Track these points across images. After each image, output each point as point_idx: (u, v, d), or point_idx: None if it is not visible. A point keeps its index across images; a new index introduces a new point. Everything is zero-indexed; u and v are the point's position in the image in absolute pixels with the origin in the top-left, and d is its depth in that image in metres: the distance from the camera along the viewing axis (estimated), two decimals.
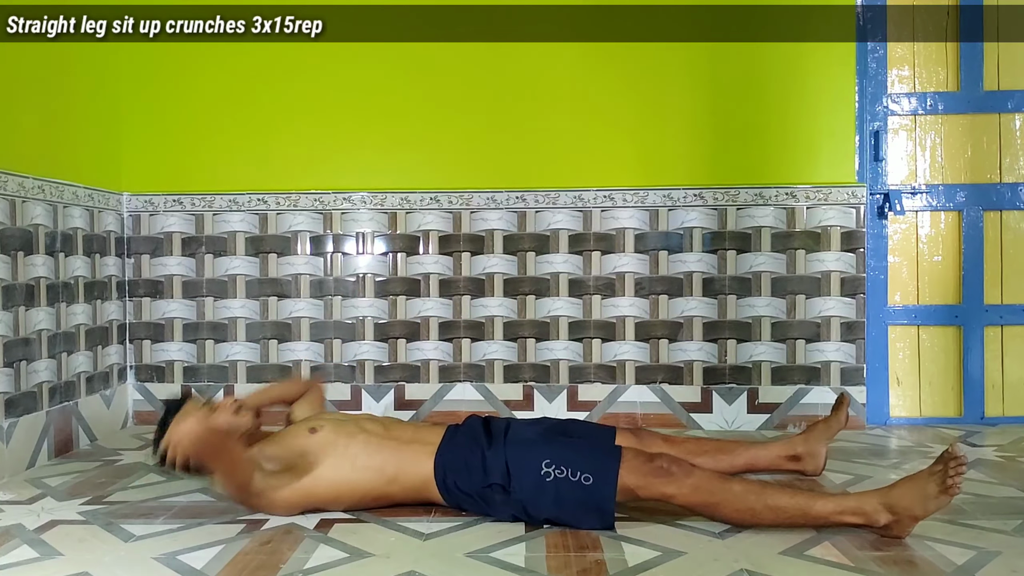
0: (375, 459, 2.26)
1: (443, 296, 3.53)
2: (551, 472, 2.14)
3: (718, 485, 2.11)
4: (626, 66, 3.49)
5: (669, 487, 2.10)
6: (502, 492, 2.18)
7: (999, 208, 3.53)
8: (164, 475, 2.64)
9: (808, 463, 2.59)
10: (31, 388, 2.89)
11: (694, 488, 2.09)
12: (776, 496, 2.10)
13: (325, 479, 2.24)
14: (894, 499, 2.02)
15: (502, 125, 3.51)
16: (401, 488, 2.27)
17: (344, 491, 2.26)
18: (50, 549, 2.05)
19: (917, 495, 2.00)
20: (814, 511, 2.06)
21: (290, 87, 3.54)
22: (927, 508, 2.00)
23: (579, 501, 2.13)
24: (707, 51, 3.49)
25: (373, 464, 2.25)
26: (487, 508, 2.23)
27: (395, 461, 2.26)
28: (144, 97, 3.56)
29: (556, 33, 3.50)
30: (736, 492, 2.10)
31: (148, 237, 3.57)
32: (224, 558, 1.97)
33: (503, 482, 2.18)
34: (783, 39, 3.46)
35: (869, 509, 2.03)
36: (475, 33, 3.51)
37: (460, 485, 2.23)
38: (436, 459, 2.25)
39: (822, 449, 2.60)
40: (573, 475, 2.12)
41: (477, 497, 2.22)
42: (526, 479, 2.16)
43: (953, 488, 1.96)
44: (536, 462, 2.16)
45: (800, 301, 3.47)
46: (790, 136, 3.48)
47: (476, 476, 2.21)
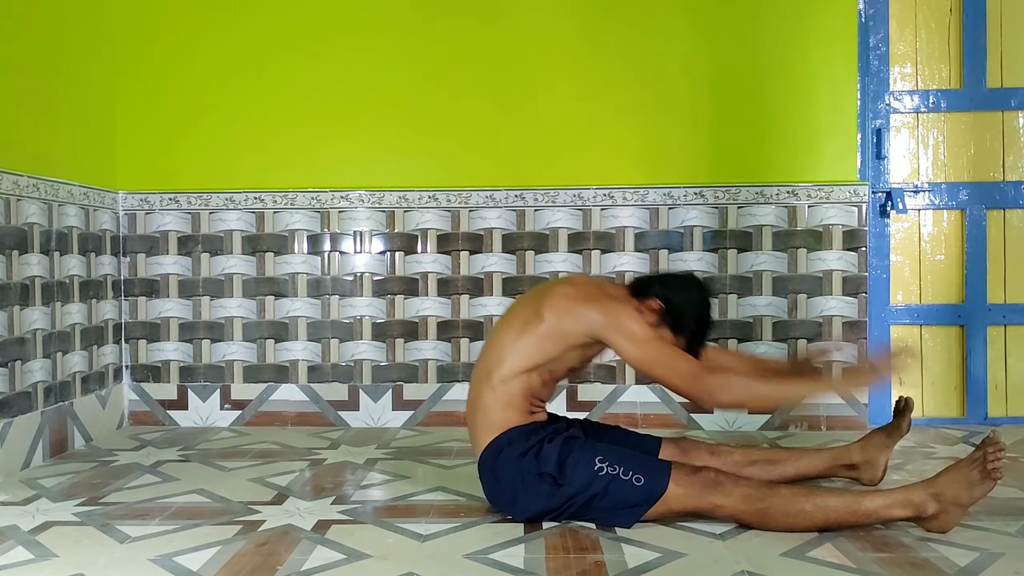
0: (526, 398, 2.28)
1: (441, 295, 3.51)
2: (604, 467, 2.14)
3: (766, 491, 2.10)
4: (626, 63, 3.47)
5: (718, 497, 2.09)
6: (551, 483, 2.16)
7: (1002, 207, 3.52)
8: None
9: (865, 472, 2.48)
10: (26, 388, 2.87)
11: (743, 497, 2.08)
12: (824, 496, 2.10)
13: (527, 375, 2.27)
14: (940, 488, 2.03)
15: (501, 123, 3.49)
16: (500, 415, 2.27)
17: (517, 384, 2.27)
18: (45, 551, 2.03)
19: (962, 482, 2.02)
20: (863, 507, 2.06)
21: (287, 85, 3.52)
22: (972, 495, 2.02)
23: (623, 498, 2.13)
24: (708, 48, 3.47)
25: (529, 395, 2.28)
26: (520, 492, 2.19)
27: (526, 409, 2.27)
28: (140, 95, 3.54)
29: (556, 29, 3.48)
30: (785, 496, 2.09)
31: (144, 236, 3.55)
32: (221, 560, 1.95)
33: (554, 472, 2.16)
34: (784, 36, 3.45)
35: (917, 500, 2.04)
36: (474, 29, 3.49)
37: (510, 461, 2.19)
38: (510, 430, 2.23)
39: (882, 457, 2.48)
40: (625, 474, 2.13)
41: (518, 478, 2.19)
42: (579, 472, 2.15)
43: (995, 472, 1.98)
44: (591, 456, 2.17)
45: (801, 300, 3.45)
46: (791, 134, 3.46)
47: (529, 462, 2.18)
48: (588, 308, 2.22)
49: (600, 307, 2.22)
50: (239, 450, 3.12)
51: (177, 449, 3.13)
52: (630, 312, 2.21)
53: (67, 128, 3.22)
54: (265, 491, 2.55)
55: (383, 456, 3.01)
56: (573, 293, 2.27)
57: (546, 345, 2.23)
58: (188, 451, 3.10)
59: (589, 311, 2.21)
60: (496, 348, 2.29)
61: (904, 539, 2.05)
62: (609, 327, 2.19)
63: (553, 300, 2.25)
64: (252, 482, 2.65)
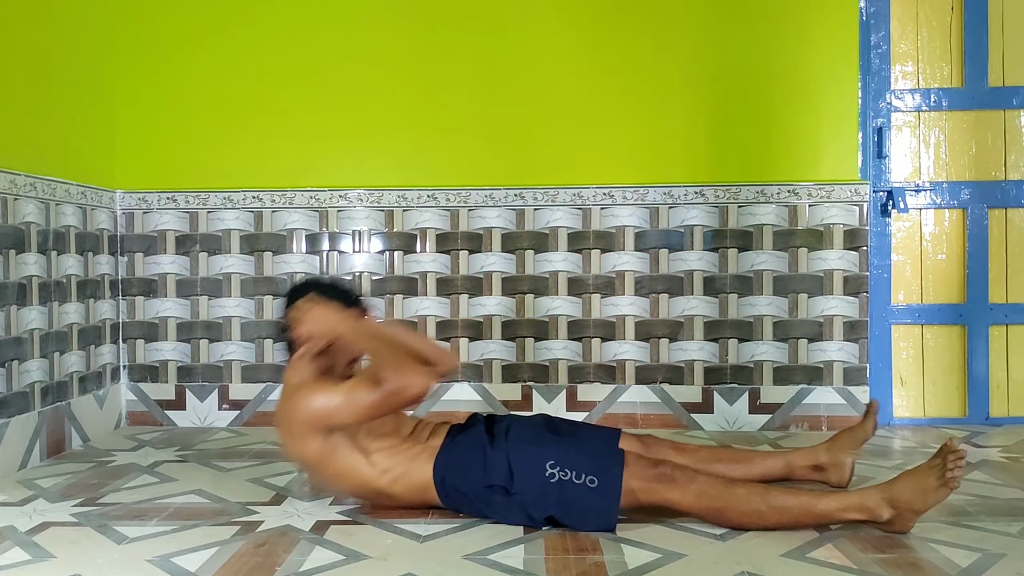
0: (388, 461, 2.22)
1: (440, 295, 3.50)
2: (555, 473, 2.11)
3: (722, 489, 2.10)
4: (626, 61, 3.46)
5: (673, 493, 2.09)
6: (503, 493, 2.15)
7: (1004, 206, 3.51)
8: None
9: (832, 474, 2.48)
10: (23, 388, 2.86)
11: (698, 494, 2.08)
12: (780, 496, 2.09)
13: (341, 455, 2.20)
14: (895, 493, 2.04)
15: (500, 121, 3.48)
16: (402, 489, 2.23)
17: (349, 476, 2.22)
18: (42, 551, 2.02)
19: (917, 489, 2.02)
20: (818, 509, 2.07)
21: (285, 83, 3.51)
22: (927, 502, 2.02)
23: (584, 503, 2.11)
24: (708, 46, 3.46)
25: (384, 465, 2.22)
26: (485, 510, 2.20)
27: (403, 466, 2.22)
28: (137, 93, 3.53)
29: (555, 26, 3.47)
30: (740, 495, 2.09)
31: (141, 235, 3.53)
32: (219, 560, 1.95)
33: (504, 483, 2.15)
34: (785, 34, 3.44)
35: (872, 504, 2.05)
36: (474, 27, 3.48)
37: (459, 486, 2.19)
38: (436, 462, 2.22)
39: (848, 459, 2.48)
40: (578, 477, 2.11)
41: (475, 498, 2.19)
42: (530, 480, 2.13)
43: (952, 481, 1.98)
44: (540, 462, 2.14)
45: (802, 300, 3.44)
46: (792, 132, 3.44)
47: (476, 476, 2.18)
48: (279, 424, 2.24)
49: (280, 409, 2.22)
50: (237, 450, 3.11)
51: (175, 449, 3.12)
52: (290, 374, 2.24)
53: (64, 127, 3.20)
54: (263, 491, 2.54)
55: None
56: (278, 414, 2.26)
57: (308, 441, 2.19)
58: (186, 451, 3.09)
59: (280, 426, 2.23)
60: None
61: (906, 540, 2.05)
62: (294, 407, 2.17)
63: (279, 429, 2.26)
64: (250, 482, 2.64)
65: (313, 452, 2.19)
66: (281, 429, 2.24)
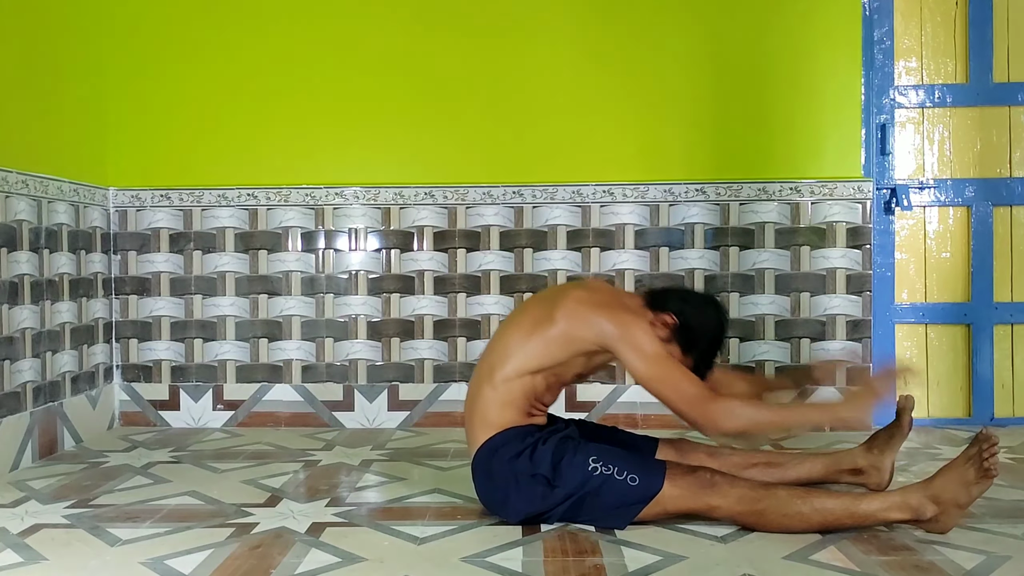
0: (523, 401, 2.23)
1: (438, 294, 3.47)
2: (598, 468, 2.12)
3: (763, 492, 2.09)
4: (626, 56, 3.44)
5: (714, 498, 2.08)
6: (545, 484, 2.14)
7: (1009, 203, 3.49)
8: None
9: (872, 476, 2.41)
10: (15, 388, 2.84)
11: (739, 498, 2.07)
12: (821, 498, 2.08)
13: (530, 378, 2.23)
14: (937, 489, 2.02)
15: (498, 117, 3.45)
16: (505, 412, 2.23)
17: (519, 385, 2.23)
18: (34, 553, 2.01)
19: (959, 482, 2.00)
20: (861, 510, 2.05)
21: (281, 79, 3.48)
22: (971, 494, 2.00)
23: (617, 498, 2.11)
24: (709, 41, 3.44)
25: (526, 398, 2.23)
26: (511, 489, 2.16)
27: (521, 411, 2.23)
28: (131, 89, 3.50)
29: (554, 21, 3.45)
30: (781, 498, 2.07)
31: (135, 233, 3.51)
32: (213, 563, 1.93)
33: (548, 474, 2.13)
34: (787, 29, 3.41)
35: (915, 503, 2.03)
36: (471, 23, 3.46)
37: (506, 457, 2.16)
38: (502, 432, 2.20)
39: (887, 460, 2.42)
40: (619, 474, 2.11)
41: (513, 476, 2.15)
42: (573, 473, 2.13)
43: (991, 469, 1.96)
44: (584, 457, 2.14)
45: (804, 299, 3.41)
46: (794, 129, 3.42)
47: (524, 461, 2.15)
48: (600, 316, 2.18)
49: (613, 317, 2.18)
50: (232, 451, 3.09)
51: (169, 450, 3.10)
52: (642, 325, 2.18)
53: (57, 123, 3.17)
54: (258, 493, 2.53)
55: (378, 457, 2.98)
56: (587, 298, 2.24)
57: (553, 349, 2.20)
58: (180, 452, 3.07)
59: (601, 319, 2.18)
60: (502, 347, 2.25)
61: (908, 542, 2.03)
62: (620, 339, 2.16)
63: (567, 304, 2.22)
64: (245, 484, 2.63)
65: (544, 356, 2.19)
66: (572, 316, 2.20)
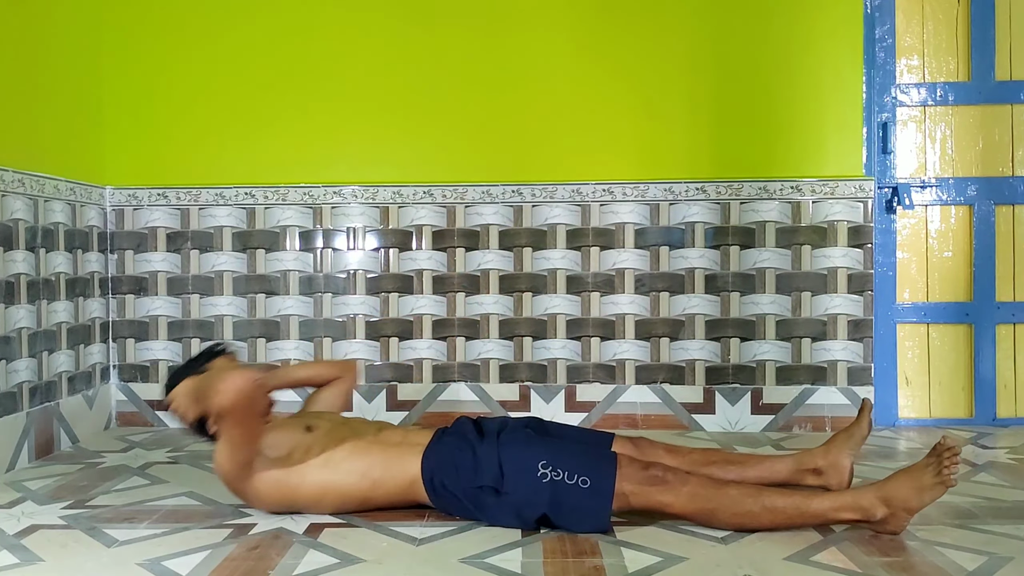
0: (360, 463, 2.20)
1: (437, 293, 3.45)
2: (547, 473, 2.09)
3: (714, 491, 2.08)
4: (626, 54, 3.42)
5: (665, 495, 2.07)
6: (494, 494, 2.12)
7: (1011, 202, 3.47)
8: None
9: (832, 476, 2.41)
10: (11, 388, 2.82)
11: (690, 496, 2.07)
12: (772, 497, 2.08)
13: (309, 479, 2.19)
14: (889, 492, 2.03)
15: (497, 116, 3.43)
16: (386, 492, 2.22)
17: (328, 493, 2.21)
18: (30, 555, 2.00)
19: (912, 487, 2.01)
20: (811, 509, 2.05)
21: (278, 77, 3.46)
22: (922, 500, 2.01)
23: (576, 503, 2.08)
24: (710, 39, 3.42)
25: (357, 468, 2.20)
26: (476, 512, 2.17)
27: (381, 464, 2.21)
28: (128, 88, 3.49)
29: (553, 19, 3.43)
30: (732, 496, 2.07)
31: (132, 232, 3.49)
32: (210, 564, 1.92)
33: (495, 484, 2.12)
34: (788, 27, 3.39)
35: (866, 504, 2.04)
36: (470, 21, 3.44)
37: (448, 485, 2.16)
38: (424, 459, 2.19)
39: (846, 461, 2.41)
40: (570, 477, 2.08)
41: (465, 499, 2.16)
42: (521, 480, 2.10)
43: (948, 479, 1.98)
44: (532, 462, 2.11)
45: (806, 298, 3.39)
46: (795, 128, 3.40)
47: (466, 476, 2.15)
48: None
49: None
50: None
51: (166, 451, 3.08)
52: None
53: (53, 122, 3.16)
54: None
55: None
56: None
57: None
58: (177, 453, 3.05)
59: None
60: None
61: (911, 543, 2.02)
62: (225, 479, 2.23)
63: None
64: None
65: (275, 487, 2.19)
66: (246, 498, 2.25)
